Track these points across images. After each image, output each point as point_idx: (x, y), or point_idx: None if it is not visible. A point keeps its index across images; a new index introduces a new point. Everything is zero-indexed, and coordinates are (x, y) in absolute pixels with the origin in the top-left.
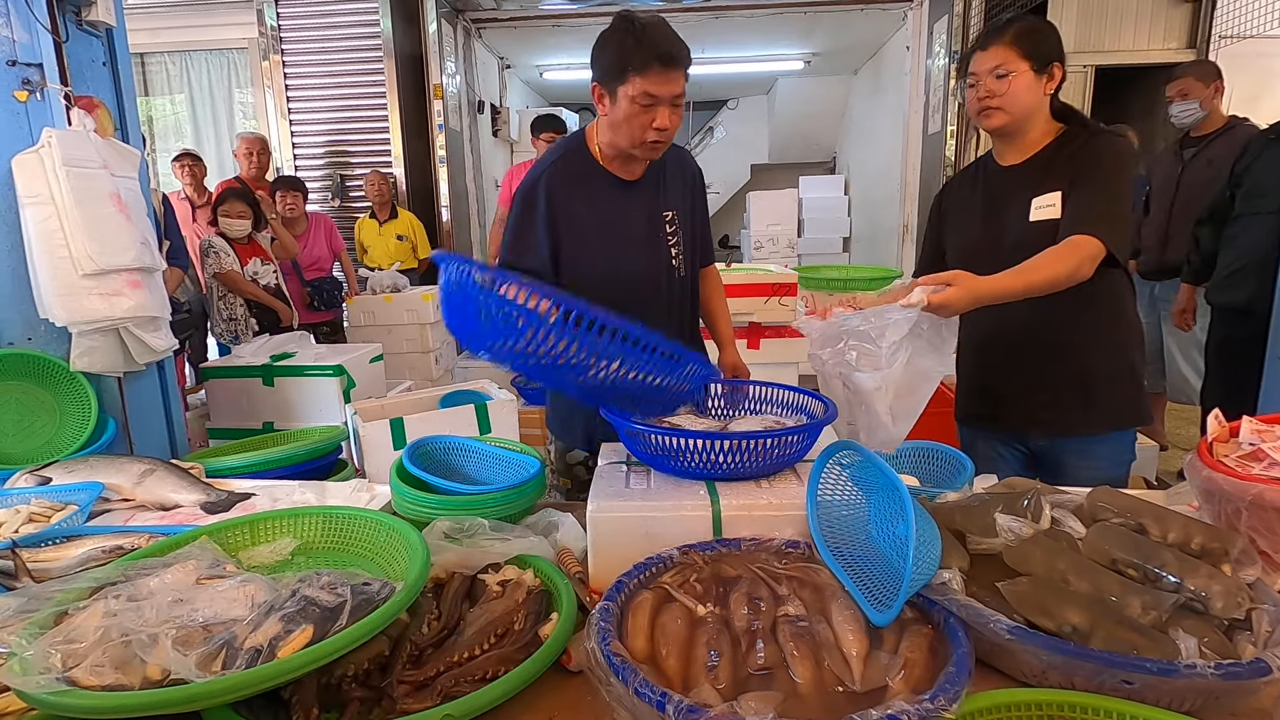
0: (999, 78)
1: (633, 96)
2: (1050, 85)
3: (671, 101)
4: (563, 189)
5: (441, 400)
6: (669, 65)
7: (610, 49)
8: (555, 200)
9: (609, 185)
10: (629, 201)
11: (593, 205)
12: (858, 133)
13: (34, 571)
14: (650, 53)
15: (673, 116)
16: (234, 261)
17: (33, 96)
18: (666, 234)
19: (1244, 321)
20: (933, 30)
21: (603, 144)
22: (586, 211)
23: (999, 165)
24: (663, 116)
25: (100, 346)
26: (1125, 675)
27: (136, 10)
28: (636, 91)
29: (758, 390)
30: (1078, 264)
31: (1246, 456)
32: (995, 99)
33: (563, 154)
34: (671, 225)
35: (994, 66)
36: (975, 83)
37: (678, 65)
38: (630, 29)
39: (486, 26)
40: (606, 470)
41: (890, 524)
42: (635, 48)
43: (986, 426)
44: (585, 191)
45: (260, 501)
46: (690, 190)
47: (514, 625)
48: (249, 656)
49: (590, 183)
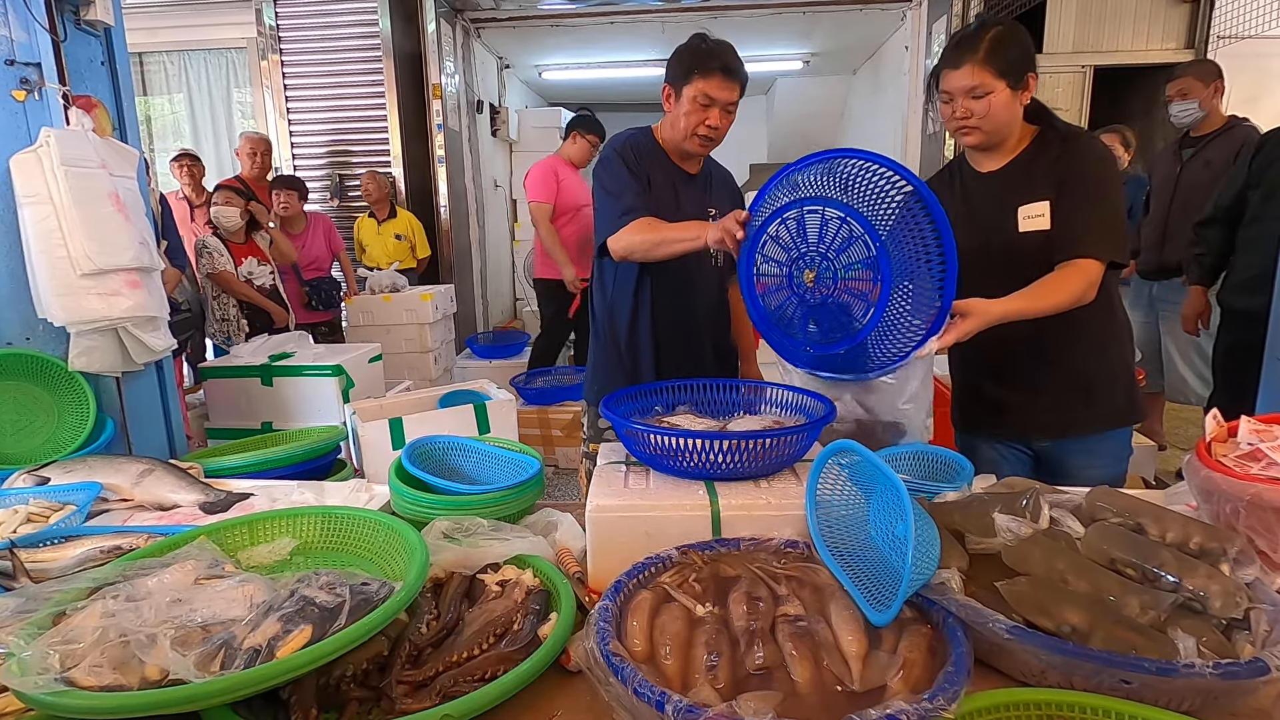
0: (976, 98)
1: (694, 96)
2: (1025, 96)
3: (725, 106)
4: (638, 157)
5: (440, 400)
6: (729, 76)
7: (685, 55)
8: (634, 162)
9: (670, 169)
10: (684, 190)
11: (659, 180)
12: (857, 133)
13: (32, 572)
14: (717, 62)
15: (724, 119)
16: (228, 262)
17: (31, 96)
18: None
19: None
20: (931, 30)
21: (665, 138)
22: (654, 184)
23: (976, 170)
24: (714, 116)
25: (99, 346)
26: (1124, 675)
27: (135, 10)
28: (698, 92)
29: (756, 390)
30: (1084, 290)
31: (1245, 456)
32: (973, 118)
33: (636, 134)
34: (714, 221)
35: (970, 87)
36: (949, 100)
37: (736, 78)
38: (702, 42)
39: (485, 26)
40: (606, 470)
41: (889, 524)
42: (705, 56)
43: (989, 432)
44: (654, 168)
45: (259, 502)
46: (731, 199)
47: (513, 625)
48: (248, 657)
49: (657, 163)
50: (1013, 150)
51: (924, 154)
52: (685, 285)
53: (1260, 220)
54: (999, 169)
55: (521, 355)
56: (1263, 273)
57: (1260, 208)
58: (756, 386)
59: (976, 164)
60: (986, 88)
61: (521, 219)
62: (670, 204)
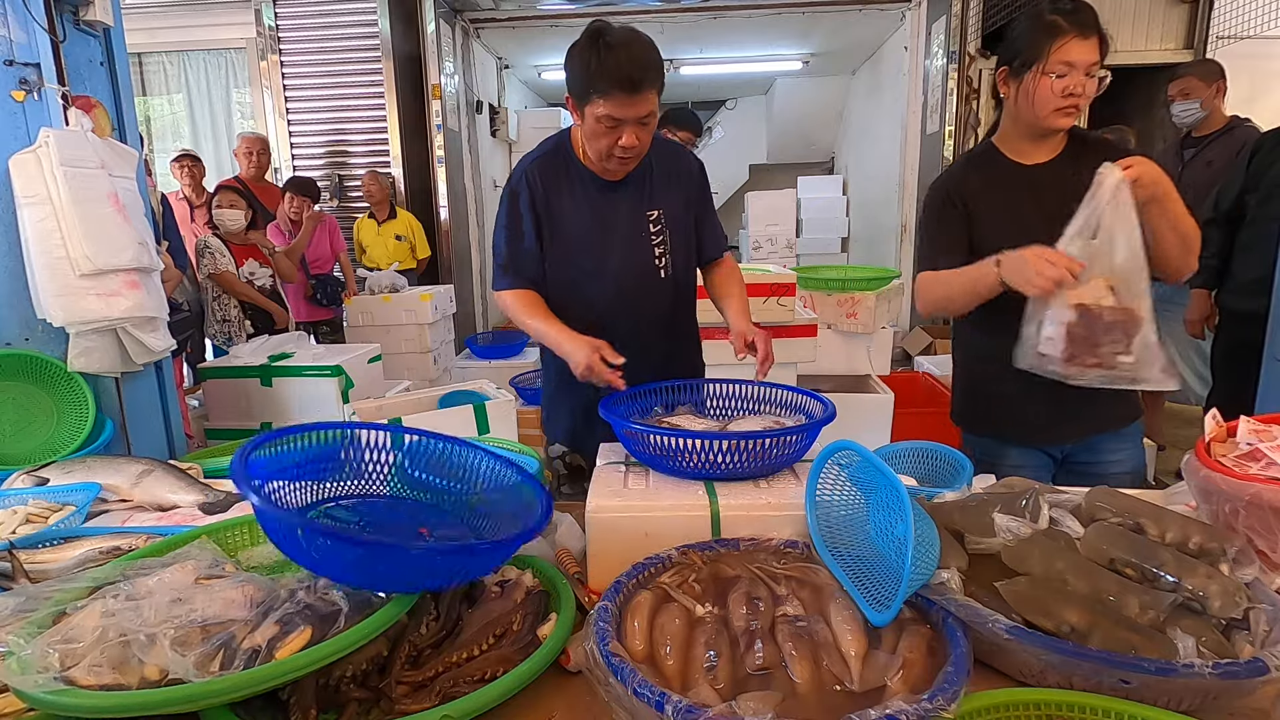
0: (1089, 76)
1: (598, 117)
2: None
3: (638, 121)
4: (544, 184)
5: (440, 400)
6: (632, 91)
7: (576, 67)
8: (536, 195)
9: (590, 184)
10: (610, 201)
11: (573, 203)
12: (856, 133)
13: (31, 573)
14: (611, 78)
15: (640, 134)
16: (229, 262)
17: (30, 96)
18: (650, 234)
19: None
20: (931, 30)
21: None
22: (566, 209)
23: (1017, 162)
24: (629, 136)
25: (98, 347)
26: (1123, 675)
27: (134, 10)
28: (600, 113)
29: (757, 390)
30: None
31: (1244, 456)
32: (1081, 99)
33: (546, 151)
34: (656, 225)
35: (1093, 64)
36: (1066, 73)
37: (642, 90)
38: (594, 49)
39: (485, 27)
40: (605, 470)
41: (889, 524)
42: (598, 71)
43: (1019, 438)
44: (566, 189)
45: None
46: (683, 187)
47: (513, 626)
48: (247, 657)
49: (572, 181)
50: (1059, 144)
51: (923, 154)
52: (620, 298)
53: (1257, 223)
54: (1046, 162)
55: (521, 355)
56: (1262, 276)
57: (1258, 210)
58: (759, 387)
59: (1018, 155)
60: (1098, 69)
61: None
62: (594, 220)
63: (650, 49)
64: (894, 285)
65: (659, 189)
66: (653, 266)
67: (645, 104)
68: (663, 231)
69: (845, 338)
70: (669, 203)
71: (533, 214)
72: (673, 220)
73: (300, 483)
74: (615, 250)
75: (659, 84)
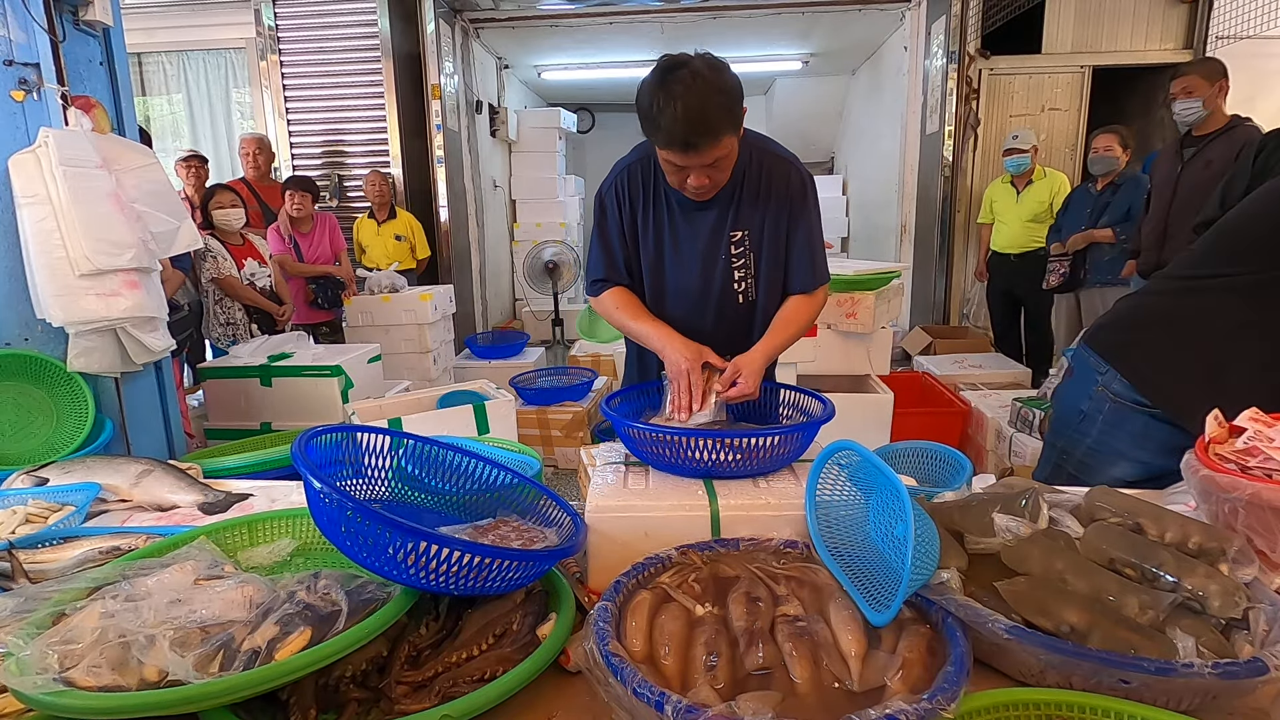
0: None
1: (664, 159)
2: None
3: (700, 168)
4: (629, 196)
5: (440, 400)
6: (686, 150)
7: (641, 106)
8: (623, 207)
9: (672, 200)
10: (690, 220)
11: (652, 220)
12: (856, 133)
13: (31, 573)
14: (667, 134)
15: (711, 174)
16: (231, 266)
17: (29, 96)
18: (731, 255)
19: None
20: (930, 30)
21: None
22: (644, 225)
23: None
24: (695, 178)
25: (97, 347)
26: (1123, 674)
27: (133, 10)
28: (664, 157)
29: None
30: None
31: (1243, 452)
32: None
33: (637, 159)
34: (739, 247)
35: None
36: None
37: (700, 149)
38: (655, 97)
39: (484, 27)
40: (605, 470)
41: (889, 524)
42: (657, 123)
43: None
44: (649, 203)
45: (258, 502)
46: (775, 208)
47: (512, 625)
48: (247, 658)
49: (652, 195)
50: None
51: (923, 154)
52: (691, 319)
53: None
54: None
55: (521, 355)
56: None
57: None
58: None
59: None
60: None
61: (520, 219)
62: (670, 237)
63: (711, 99)
64: (894, 285)
65: (745, 208)
66: (731, 290)
67: (708, 155)
68: (745, 255)
69: (845, 338)
70: (756, 224)
71: (619, 224)
72: (759, 243)
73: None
74: (687, 271)
75: (726, 132)
